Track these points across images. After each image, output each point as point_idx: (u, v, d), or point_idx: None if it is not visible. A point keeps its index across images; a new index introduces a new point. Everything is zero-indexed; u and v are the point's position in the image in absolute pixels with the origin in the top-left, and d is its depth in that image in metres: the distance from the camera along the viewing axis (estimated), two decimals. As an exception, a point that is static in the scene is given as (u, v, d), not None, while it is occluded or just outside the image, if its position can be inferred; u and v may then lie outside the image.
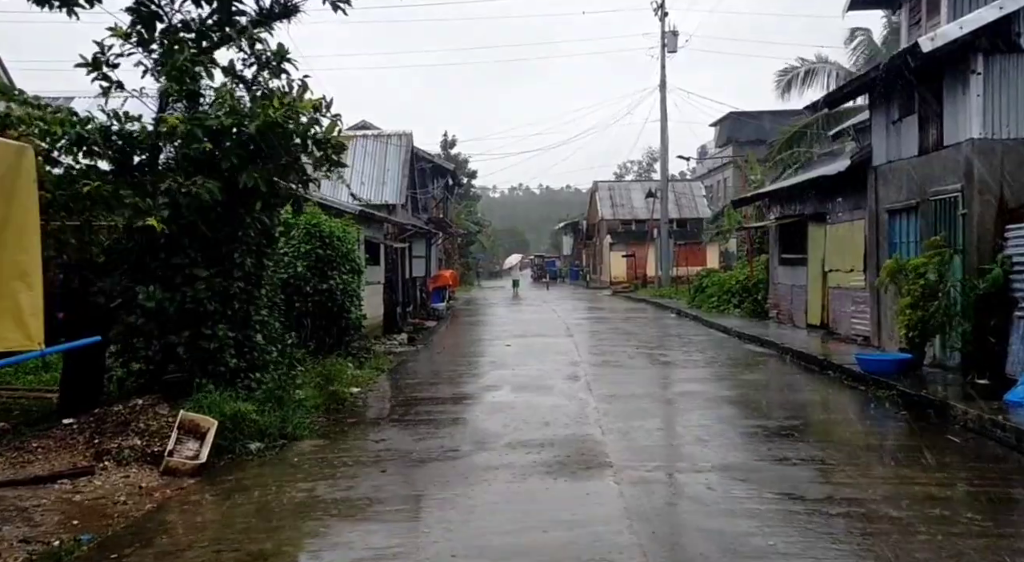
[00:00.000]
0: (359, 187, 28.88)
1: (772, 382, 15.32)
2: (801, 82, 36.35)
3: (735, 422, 11.43)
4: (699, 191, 66.60)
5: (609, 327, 27.80)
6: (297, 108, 10.62)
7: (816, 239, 22.17)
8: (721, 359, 18.45)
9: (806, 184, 21.80)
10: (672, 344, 21.99)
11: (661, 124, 47.18)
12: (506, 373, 16.90)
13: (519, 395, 14.14)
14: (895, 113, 16.71)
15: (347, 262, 17.90)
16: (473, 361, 19.36)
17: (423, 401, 13.80)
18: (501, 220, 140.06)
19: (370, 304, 24.62)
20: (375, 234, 25.55)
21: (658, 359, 18.84)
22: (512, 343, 22.80)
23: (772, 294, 25.98)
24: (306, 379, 14.37)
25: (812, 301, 22.51)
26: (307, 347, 16.56)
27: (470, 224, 74.74)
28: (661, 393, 14.30)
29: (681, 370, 16.99)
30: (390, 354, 21.19)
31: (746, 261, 36.23)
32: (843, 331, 20.22)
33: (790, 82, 36.47)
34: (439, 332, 27.78)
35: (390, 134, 30.97)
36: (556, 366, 17.65)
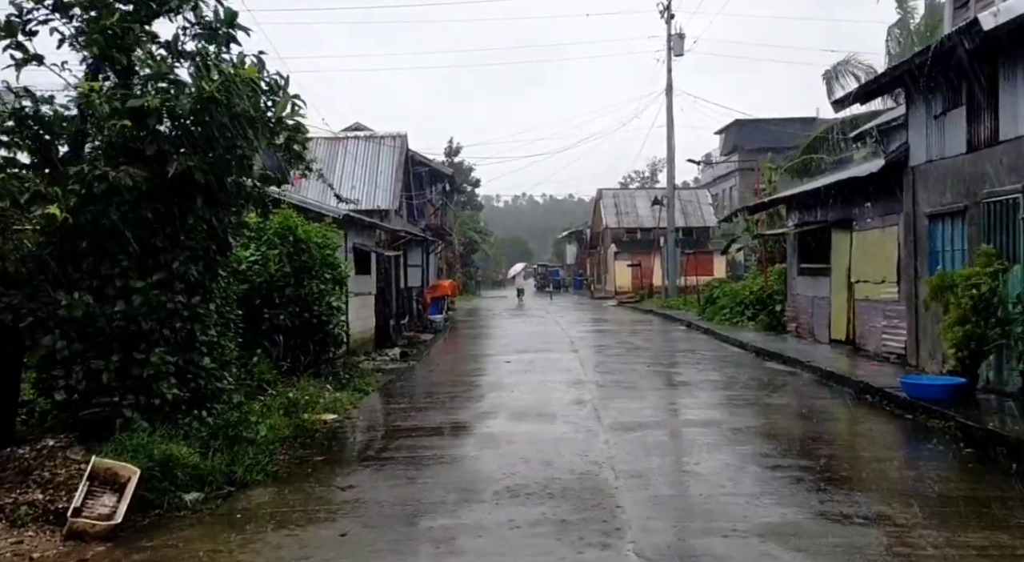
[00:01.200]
0: (349, 191, 27.16)
1: (804, 408, 13.53)
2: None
3: (771, 462, 9.64)
4: (705, 199, 64.95)
5: (616, 341, 26.03)
6: (238, 80, 8.82)
7: (841, 247, 20.40)
8: (742, 379, 16.68)
9: (831, 188, 20.04)
10: (685, 361, 20.21)
11: (667, 129, 45.49)
12: (505, 396, 15.15)
13: (518, 424, 12.39)
14: (938, 106, 14.96)
15: (327, 270, 16.15)
16: (469, 381, 17.59)
17: (407, 432, 12.02)
18: (504, 229, 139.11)
19: (359, 316, 22.94)
20: (365, 241, 23.83)
21: (671, 379, 17.09)
22: (512, 359, 21.04)
23: (790, 306, 24.21)
24: (273, 406, 12.66)
25: (836, 314, 20.73)
26: (279, 367, 14.82)
27: (472, 233, 73.03)
28: (679, 422, 12.51)
29: (698, 392, 15.23)
30: (379, 371, 19.45)
31: (758, 271, 34.53)
32: (872, 347, 18.44)
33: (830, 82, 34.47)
34: (435, 346, 26.02)
35: (383, 135, 29.27)
36: (560, 387, 15.90)
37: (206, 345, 10.00)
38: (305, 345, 15.61)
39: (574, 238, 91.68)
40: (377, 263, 25.95)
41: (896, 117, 22.02)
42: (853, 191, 18.97)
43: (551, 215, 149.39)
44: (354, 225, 22.06)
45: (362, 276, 23.80)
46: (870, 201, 18.57)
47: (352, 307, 22.02)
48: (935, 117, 15.08)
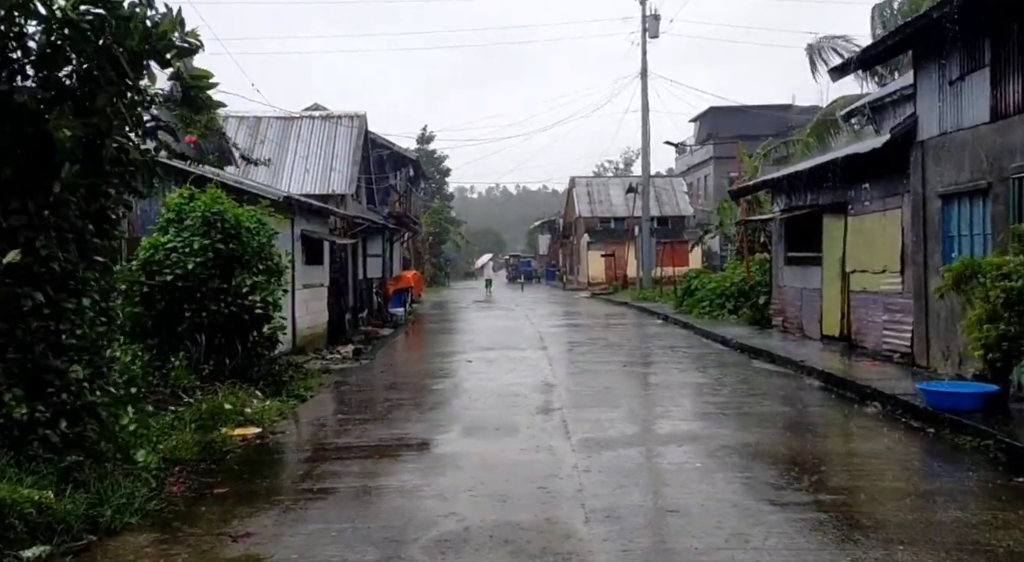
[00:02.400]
0: (303, 175, 25.14)
1: (805, 420, 11.69)
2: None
3: (778, 496, 7.76)
4: (681, 187, 63.30)
5: (588, 337, 24.15)
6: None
7: (834, 234, 18.60)
8: (728, 382, 14.84)
9: (823, 168, 18.21)
10: (664, 360, 18.36)
11: (642, 113, 43.67)
12: (462, 402, 13.26)
13: (473, 441, 10.49)
14: (954, 70, 13.16)
15: (261, 260, 14.13)
16: (423, 384, 15.63)
17: (338, 453, 10.06)
18: (478, 220, 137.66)
19: (309, 310, 20.95)
20: (317, 228, 21.81)
21: (650, 382, 15.26)
22: (475, 358, 19.11)
23: (776, 299, 22.41)
24: (186, 418, 10.71)
25: (828, 308, 18.94)
26: (200, 371, 12.82)
27: (443, 222, 70.94)
28: (661, 438, 10.59)
29: (681, 398, 13.37)
30: (326, 372, 17.51)
31: (738, 261, 32.81)
32: (870, 345, 16.66)
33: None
34: (393, 343, 24.04)
35: (340, 115, 27.20)
36: (526, 392, 14.00)
37: (76, 349, 7.99)
38: (232, 345, 13.58)
39: (547, 228, 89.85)
40: (331, 252, 23.95)
41: (891, 92, 20.30)
42: (849, 171, 17.16)
43: (525, 206, 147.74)
44: (302, 210, 20.04)
45: (312, 266, 21.82)
46: (868, 182, 16.77)
47: (300, 300, 20.07)
48: (951, 83, 13.27)
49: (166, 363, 12.55)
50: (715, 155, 63.68)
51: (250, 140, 25.87)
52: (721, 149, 61.18)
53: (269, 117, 26.72)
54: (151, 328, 13.08)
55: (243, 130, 26.29)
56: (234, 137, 25.42)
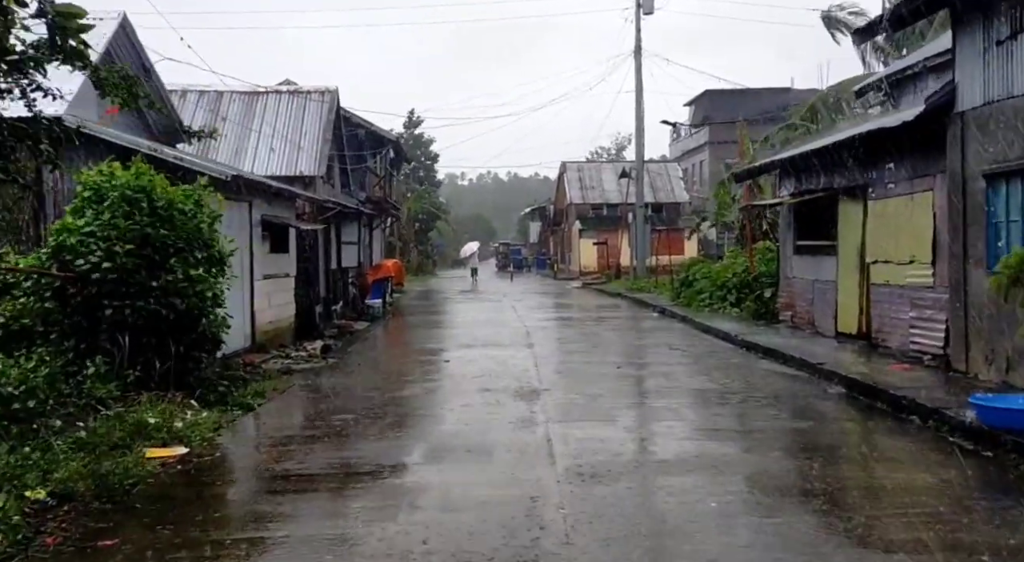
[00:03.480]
0: (267, 155, 23.19)
1: (834, 439, 9.84)
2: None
3: (826, 558, 5.94)
4: (676, 172, 61.47)
5: (579, 333, 22.31)
6: None
7: (851, 220, 16.77)
8: (737, 387, 13.01)
9: (840, 147, 16.34)
10: (663, 360, 16.53)
11: (636, 94, 41.71)
12: (432, 414, 11.49)
13: (438, 469, 8.64)
14: (1003, 28, 11.30)
15: (200, 247, 12.24)
16: (391, 390, 13.73)
17: (271, 484, 8.23)
18: (469, 207, 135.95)
19: (272, 304, 19.07)
20: (281, 213, 19.88)
21: (648, 388, 13.44)
22: (454, 358, 17.28)
23: (784, 291, 20.57)
24: (99, 436, 8.94)
25: (844, 302, 17.12)
26: (123, 379, 10.92)
27: (429, 208, 68.91)
28: (665, 465, 8.72)
29: (686, 410, 11.49)
30: (287, 373, 15.70)
31: (737, 249, 31.00)
32: (894, 344, 14.86)
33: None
34: (366, 338, 22.15)
35: (309, 90, 25.16)
36: (506, 401, 12.16)
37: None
38: (164, 347, 11.66)
39: (537, 215, 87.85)
40: (300, 239, 22.04)
41: (912, 64, 18.45)
42: (871, 150, 15.34)
43: (516, 193, 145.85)
44: (262, 192, 18.11)
45: (276, 255, 19.91)
46: (893, 161, 14.95)
47: (260, 292, 18.19)
48: (998, 43, 11.40)
49: (83, 369, 10.70)
50: (711, 140, 61.85)
51: (210, 117, 23.89)
52: (717, 133, 59.39)
53: (231, 92, 24.72)
54: (66, 328, 11.20)
55: (202, 106, 24.30)
56: (192, 113, 23.49)
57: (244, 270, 17.27)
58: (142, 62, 18.06)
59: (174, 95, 24.49)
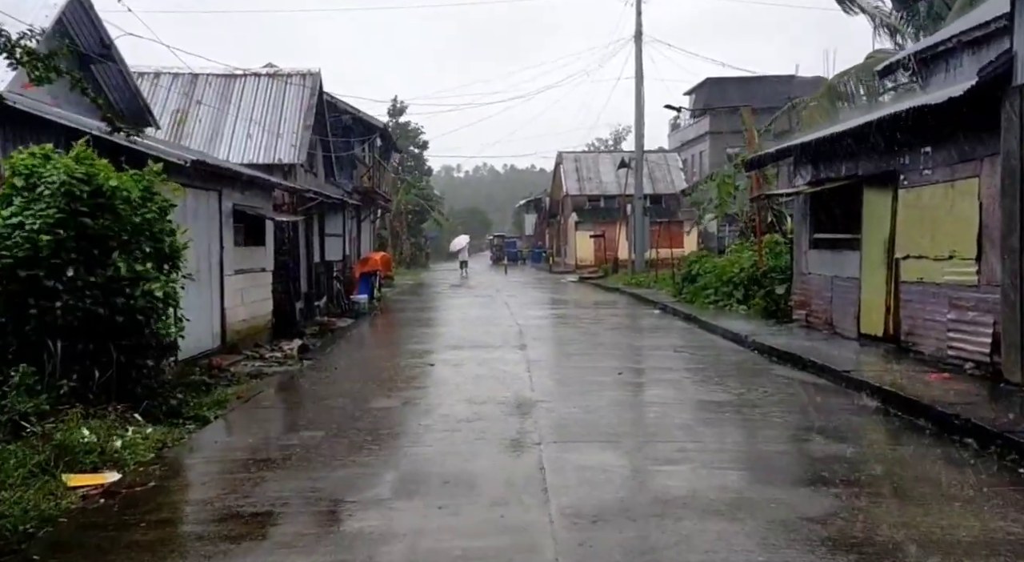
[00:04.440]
0: (244, 142, 21.61)
1: (883, 469, 8.28)
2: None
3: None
4: (675, 163, 59.92)
5: (576, 333, 20.78)
6: None
7: (878, 211, 15.27)
8: (755, 400, 11.50)
9: (866, 130, 14.81)
10: (669, 366, 15.03)
11: (636, 79, 40.20)
12: (407, 433, 9.92)
13: (407, 507, 7.12)
14: (1073, -10, 9.78)
15: (148, 240, 10.71)
16: (366, 400, 12.15)
17: (204, 527, 6.74)
18: (464, 199, 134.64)
19: (245, 300, 17.57)
20: (256, 203, 18.35)
21: (654, 400, 11.91)
22: (440, 360, 15.81)
23: (799, 288, 19.05)
24: (14, 462, 7.51)
25: (869, 301, 15.62)
26: (55, 390, 9.40)
27: (421, 199, 67.26)
28: (682, 504, 7.20)
29: (699, 427, 9.94)
30: (257, 377, 14.27)
31: (742, 243, 29.49)
32: (929, 349, 13.37)
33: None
34: (348, 337, 20.63)
35: (289, 73, 23.57)
36: (495, 415, 10.66)
37: None
38: (104, 353, 10.14)
39: (533, 207, 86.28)
40: (279, 232, 20.52)
41: (946, 39, 16.86)
42: (903, 132, 13.80)
43: (513, 185, 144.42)
44: (232, 180, 16.56)
45: (251, 248, 18.40)
46: (930, 144, 13.43)
47: (231, 289, 16.69)
48: (1066, 8, 9.88)
49: (7, 379, 9.21)
50: (711, 129, 60.26)
51: (184, 101, 22.34)
52: (718, 123, 57.79)
53: (207, 74, 23.11)
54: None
55: (176, 89, 22.71)
56: (165, 97, 21.95)
57: (212, 265, 15.78)
58: (101, 37, 16.50)
59: (146, 78, 22.98)
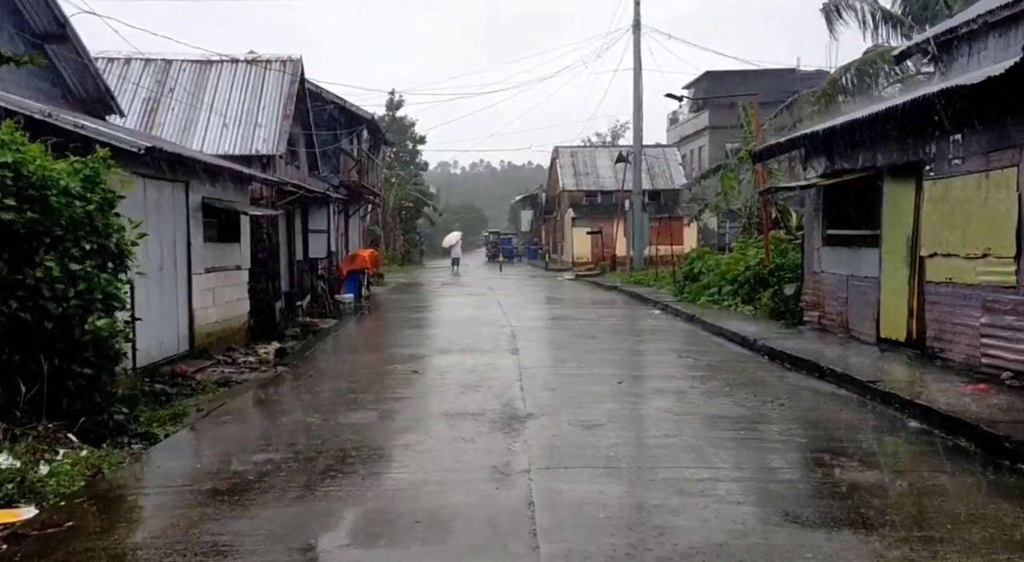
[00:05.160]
0: (219, 131, 20.36)
1: (937, 505, 6.99)
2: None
3: None
4: (675, 158, 58.68)
5: (572, 335, 19.54)
6: None
7: (900, 205, 14.08)
8: (769, 414, 10.29)
9: (887, 117, 13.59)
10: (673, 372, 13.83)
11: (635, 70, 38.97)
12: (380, 458, 8.66)
13: (367, 556, 5.90)
14: None
15: (86, 237, 9.46)
16: (339, 413, 10.89)
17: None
18: (461, 196, 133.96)
19: (217, 301, 16.40)
20: (229, 197, 17.12)
21: (660, 415, 10.61)
22: (424, 367, 14.60)
23: (811, 288, 17.83)
24: None
25: (889, 302, 14.41)
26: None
27: (415, 194, 65.90)
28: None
29: (713, 451, 8.66)
30: (224, 385, 13.20)
31: (747, 239, 28.32)
32: (959, 356, 12.18)
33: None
34: (330, 340, 19.39)
35: (269, 59, 22.28)
36: (479, 431, 9.47)
37: None
38: (32, 364, 8.90)
39: (529, 203, 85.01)
40: (257, 227, 19.29)
41: (968, 20, 15.69)
42: (930, 118, 12.61)
43: (510, 182, 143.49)
44: (200, 171, 15.30)
45: (224, 245, 17.19)
46: (961, 131, 12.22)
47: (200, 288, 15.50)
48: None
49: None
50: (711, 124, 59.10)
51: (156, 88, 21.08)
52: (718, 117, 56.64)
53: (181, 60, 21.84)
54: None
55: (148, 75, 21.44)
56: (136, 84, 20.68)
57: (179, 263, 14.57)
58: (55, 15, 15.23)
59: (115, 64, 21.73)
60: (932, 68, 18.02)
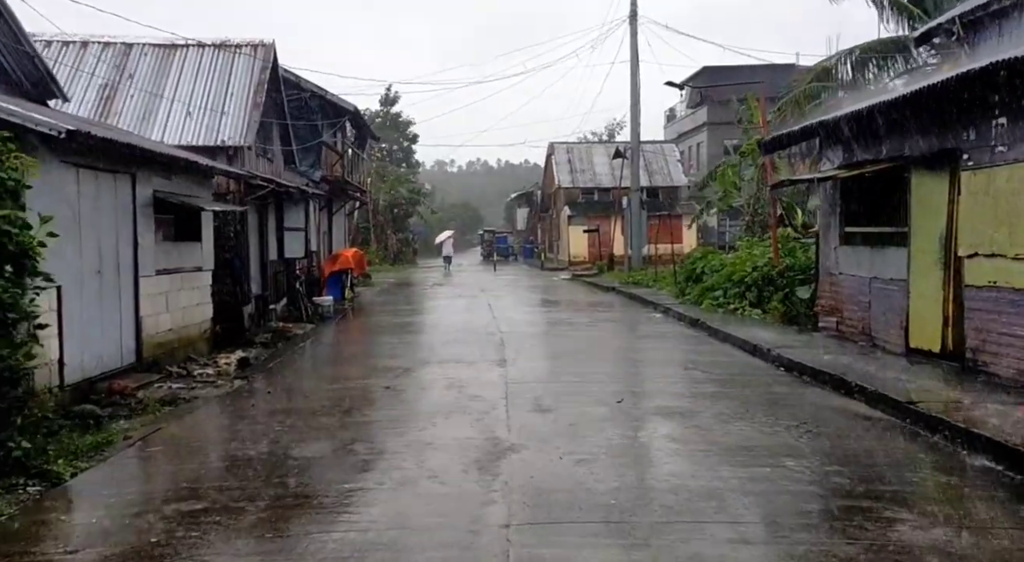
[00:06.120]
0: (182, 121, 18.71)
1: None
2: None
3: None
4: (673, 154, 57.15)
5: (567, 343, 17.91)
6: None
7: (931, 198, 12.51)
8: (796, 444, 8.72)
9: (917, 100, 11.99)
10: (680, 390, 12.28)
11: (631, 64, 37.30)
12: (327, 509, 7.04)
13: None
14: None
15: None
16: (290, 444, 9.29)
17: None
18: (457, 194, 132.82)
19: (172, 306, 14.87)
20: (187, 191, 15.53)
21: (668, 446, 9.01)
22: (401, 382, 13.00)
23: (827, 291, 16.24)
24: None
25: (920, 308, 12.84)
26: None
27: (407, 191, 64.22)
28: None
29: (736, 498, 7.07)
30: (170, 404, 11.70)
31: (751, 238, 26.77)
32: (1007, 371, 10.63)
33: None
34: (301, 348, 17.77)
35: (239, 43, 20.64)
36: (455, 470, 7.91)
37: None
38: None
39: (524, 201, 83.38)
40: (223, 225, 17.70)
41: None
42: (966, 100, 11.06)
43: (506, 180, 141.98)
44: (150, 162, 13.68)
45: (182, 243, 15.61)
46: (1006, 114, 10.65)
47: (150, 293, 13.94)
48: None
49: None
50: (709, 120, 57.64)
51: (115, 74, 19.45)
52: (716, 113, 55.15)
53: (143, 44, 20.18)
54: None
55: (105, 60, 19.80)
56: (92, 69, 19.06)
57: (123, 264, 12.97)
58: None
59: (71, 47, 20.11)
60: (938, 57, 16.51)
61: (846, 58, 27.15)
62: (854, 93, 21.77)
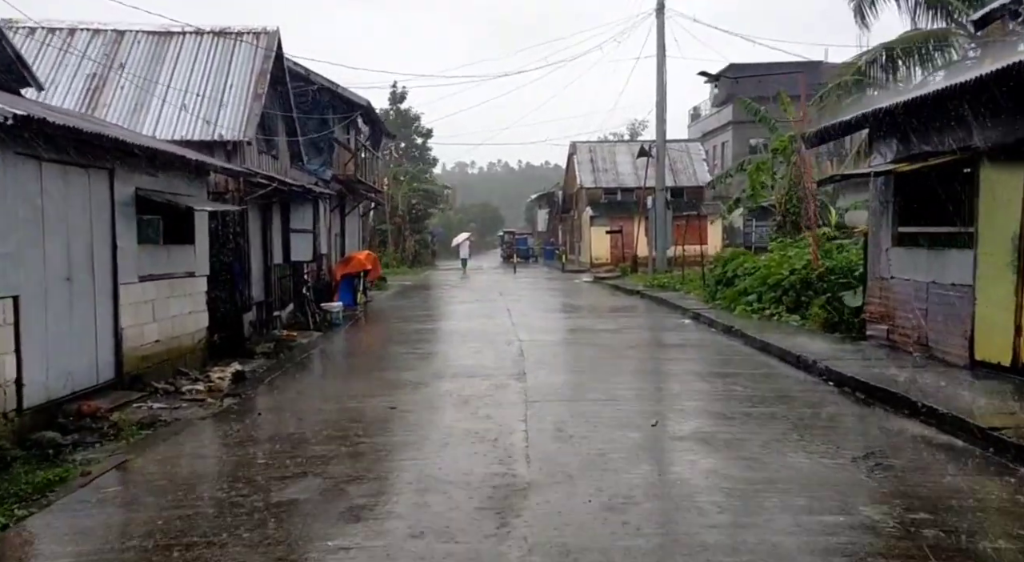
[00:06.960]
0: (176, 114, 17.43)
1: None
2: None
3: None
4: (698, 153, 55.66)
5: (592, 353, 16.48)
6: None
7: (1003, 194, 11.11)
8: (878, 488, 7.37)
9: (989, 83, 10.55)
10: (721, 410, 10.90)
11: (658, 59, 36.03)
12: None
13: None
14: None
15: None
16: (275, 481, 7.98)
17: None
18: (478, 195, 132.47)
19: (159, 315, 13.79)
20: (177, 189, 14.31)
21: (715, 483, 7.65)
22: (408, 400, 11.71)
23: (878, 297, 14.80)
24: None
25: (989, 316, 11.43)
26: None
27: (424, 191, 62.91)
28: None
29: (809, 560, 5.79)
30: (148, 427, 10.41)
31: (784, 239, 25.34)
32: (1100, 390, 9.18)
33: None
34: (303, 359, 16.44)
35: (240, 31, 19.36)
36: (459, 527, 6.58)
37: None
38: None
39: (545, 201, 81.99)
40: (221, 226, 16.47)
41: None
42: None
43: (527, 181, 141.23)
44: (129, 156, 12.40)
45: (171, 247, 14.40)
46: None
47: (131, 301, 12.72)
48: None
49: None
50: (735, 119, 56.09)
51: (105, 62, 18.22)
52: (742, 112, 53.62)
53: (136, 31, 18.96)
54: None
55: (96, 48, 18.57)
56: (80, 57, 17.85)
57: (100, 271, 11.73)
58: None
59: (58, 34, 18.92)
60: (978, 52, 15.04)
61: (883, 53, 25.89)
62: (896, 87, 20.29)
